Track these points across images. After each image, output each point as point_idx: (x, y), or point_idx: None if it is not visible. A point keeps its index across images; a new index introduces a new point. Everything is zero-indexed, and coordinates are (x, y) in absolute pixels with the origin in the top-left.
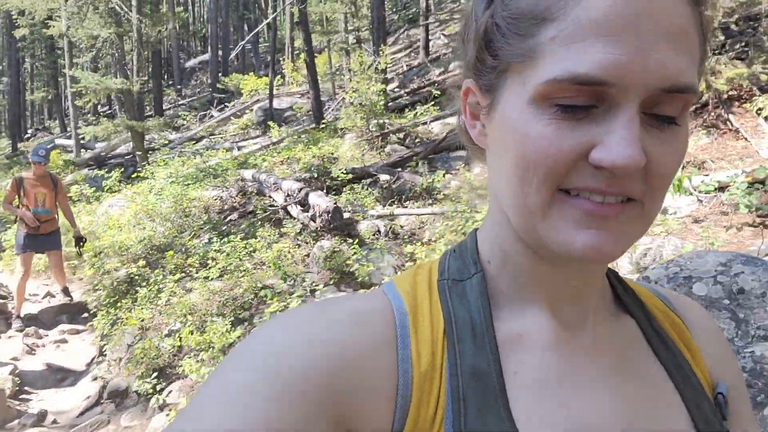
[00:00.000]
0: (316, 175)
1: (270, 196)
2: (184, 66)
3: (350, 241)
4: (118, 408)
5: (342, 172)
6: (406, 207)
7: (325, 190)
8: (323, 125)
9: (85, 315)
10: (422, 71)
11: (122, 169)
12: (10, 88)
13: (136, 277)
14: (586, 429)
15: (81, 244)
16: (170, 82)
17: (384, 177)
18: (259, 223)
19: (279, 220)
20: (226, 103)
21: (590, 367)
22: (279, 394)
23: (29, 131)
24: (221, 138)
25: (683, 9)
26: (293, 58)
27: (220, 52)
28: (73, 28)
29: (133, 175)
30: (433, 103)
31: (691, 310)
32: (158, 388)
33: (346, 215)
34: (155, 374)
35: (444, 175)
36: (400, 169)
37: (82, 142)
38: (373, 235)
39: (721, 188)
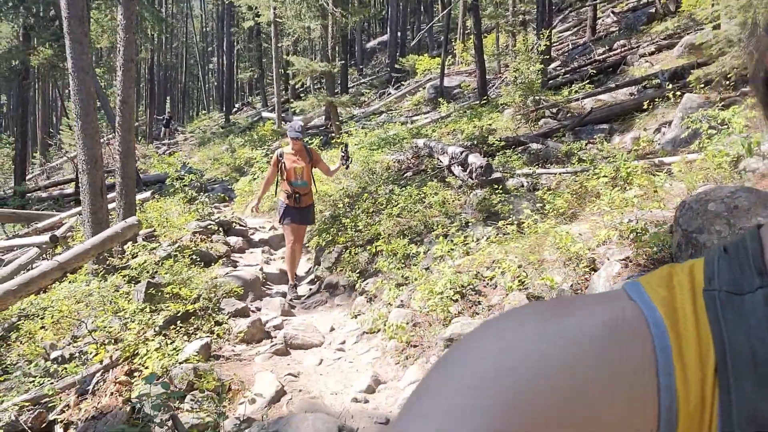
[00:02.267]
0: (475, 143)
1: (438, 159)
2: (365, 47)
3: (498, 191)
4: (331, 295)
5: (497, 141)
6: (548, 168)
7: (482, 155)
8: (486, 101)
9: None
10: (586, 50)
11: (320, 137)
12: (224, 68)
13: (339, 213)
14: None
15: (347, 161)
16: (352, 62)
17: (533, 145)
18: (429, 178)
19: (444, 178)
20: (402, 82)
21: None
22: (504, 423)
23: (236, 105)
24: (398, 113)
25: None
26: (464, 39)
27: (398, 34)
28: (289, 20)
29: (331, 141)
30: (588, 81)
31: None
32: (359, 281)
33: (496, 174)
34: (357, 273)
35: (586, 144)
36: (548, 139)
37: (283, 116)
38: (517, 189)
39: None
